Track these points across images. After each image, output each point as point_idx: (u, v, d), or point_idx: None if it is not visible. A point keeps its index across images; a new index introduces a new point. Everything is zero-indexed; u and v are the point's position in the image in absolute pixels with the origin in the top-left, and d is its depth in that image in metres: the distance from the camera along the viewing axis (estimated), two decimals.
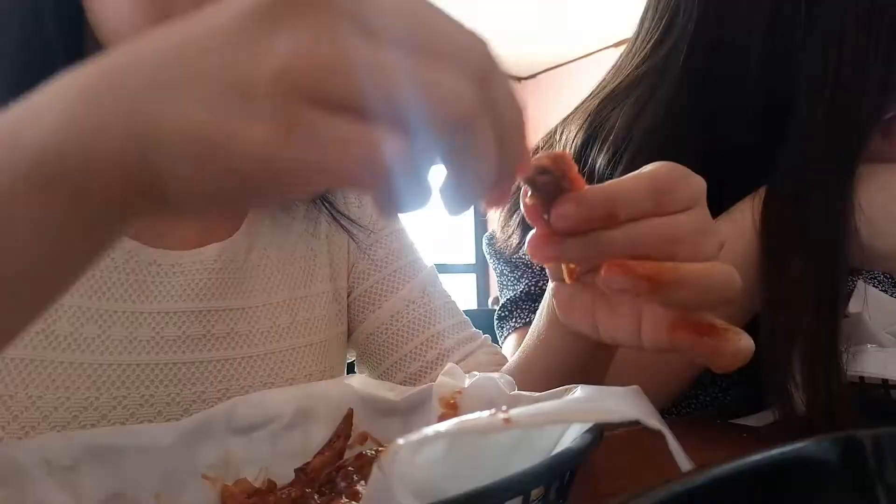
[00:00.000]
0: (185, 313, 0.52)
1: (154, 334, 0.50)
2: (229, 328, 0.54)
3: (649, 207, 0.30)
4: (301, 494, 0.35)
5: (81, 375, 0.46)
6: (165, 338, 0.50)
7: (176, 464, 0.35)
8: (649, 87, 0.62)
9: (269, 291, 0.57)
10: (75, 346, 0.47)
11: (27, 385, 0.45)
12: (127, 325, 0.49)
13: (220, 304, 0.54)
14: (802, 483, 0.24)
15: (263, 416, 0.38)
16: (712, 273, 0.29)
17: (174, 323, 0.51)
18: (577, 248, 0.30)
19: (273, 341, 0.56)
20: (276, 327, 0.56)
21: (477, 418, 0.22)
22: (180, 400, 0.50)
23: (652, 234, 0.30)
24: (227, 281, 0.54)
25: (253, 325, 0.55)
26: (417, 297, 0.63)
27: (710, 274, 0.29)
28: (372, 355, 0.63)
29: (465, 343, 0.62)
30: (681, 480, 0.22)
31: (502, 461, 0.24)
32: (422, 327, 0.62)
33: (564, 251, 0.30)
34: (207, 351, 0.52)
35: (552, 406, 0.25)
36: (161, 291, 0.51)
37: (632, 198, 0.30)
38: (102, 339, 0.48)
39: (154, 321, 0.50)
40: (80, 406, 0.46)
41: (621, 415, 0.25)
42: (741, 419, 0.53)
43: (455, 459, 0.22)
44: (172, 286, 0.52)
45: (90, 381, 0.47)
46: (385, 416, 0.41)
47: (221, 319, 0.53)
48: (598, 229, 0.30)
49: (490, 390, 0.38)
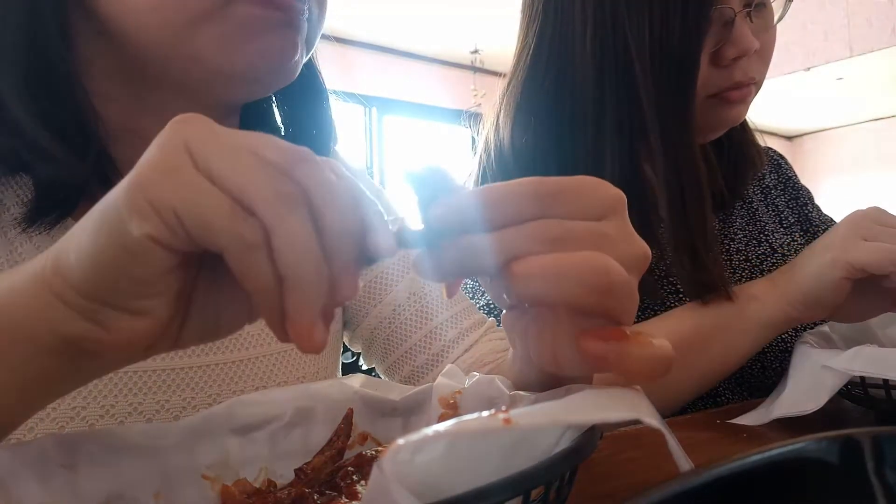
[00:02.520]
0: None
1: None
2: None
3: (532, 208, 0.28)
4: (301, 494, 0.35)
5: None
6: None
7: (176, 464, 0.35)
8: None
9: None
10: None
11: None
12: None
13: None
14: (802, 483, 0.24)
15: (263, 416, 0.38)
16: (568, 259, 0.27)
17: None
18: (450, 257, 0.28)
19: (263, 344, 0.55)
20: (267, 330, 0.55)
21: (477, 418, 0.22)
22: (170, 407, 0.49)
23: (527, 232, 0.27)
24: None
25: (242, 329, 0.54)
26: (418, 287, 0.63)
27: (562, 259, 0.27)
28: (378, 350, 0.63)
29: (468, 332, 0.62)
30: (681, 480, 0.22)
31: (502, 461, 0.24)
32: (424, 319, 0.61)
33: (441, 263, 0.28)
34: (196, 356, 0.51)
35: (552, 406, 0.25)
36: None
37: (512, 199, 0.28)
38: None
39: None
40: (66, 416, 0.45)
41: (621, 415, 0.25)
42: (741, 419, 0.53)
43: (455, 459, 0.22)
44: None
45: (76, 391, 0.46)
46: (385, 416, 0.41)
47: None
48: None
49: (490, 390, 0.38)
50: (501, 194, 0.28)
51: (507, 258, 0.27)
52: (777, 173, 0.92)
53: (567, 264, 0.27)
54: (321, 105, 0.61)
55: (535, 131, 0.73)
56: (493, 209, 0.28)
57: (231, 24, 0.45)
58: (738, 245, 0.80)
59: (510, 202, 0.28)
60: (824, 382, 0.49)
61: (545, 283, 0.26)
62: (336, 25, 4.17)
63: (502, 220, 0.28)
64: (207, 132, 0.26)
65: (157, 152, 0.25)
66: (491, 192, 0.28)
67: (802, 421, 0.49)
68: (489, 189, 0.28)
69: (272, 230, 0.24)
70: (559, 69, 0.71)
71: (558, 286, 0.26)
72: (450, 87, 4.98)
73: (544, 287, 0.27)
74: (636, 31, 0.65)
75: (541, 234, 0.27)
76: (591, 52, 0.68)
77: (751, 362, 0.72)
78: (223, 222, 0.24)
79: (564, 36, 0.70)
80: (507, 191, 0.28)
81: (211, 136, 0.26)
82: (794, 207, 0.89)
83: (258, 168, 0.25)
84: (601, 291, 0.27)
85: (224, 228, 0.24)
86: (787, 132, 6.52)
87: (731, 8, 0.65)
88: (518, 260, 0.27)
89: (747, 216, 0.84)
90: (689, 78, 0.65)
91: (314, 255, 0.25)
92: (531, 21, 0.74)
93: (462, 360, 0.59)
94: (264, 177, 0.25)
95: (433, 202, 0.28)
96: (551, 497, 0.25)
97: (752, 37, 0.66)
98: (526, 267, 0.27)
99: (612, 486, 0.39)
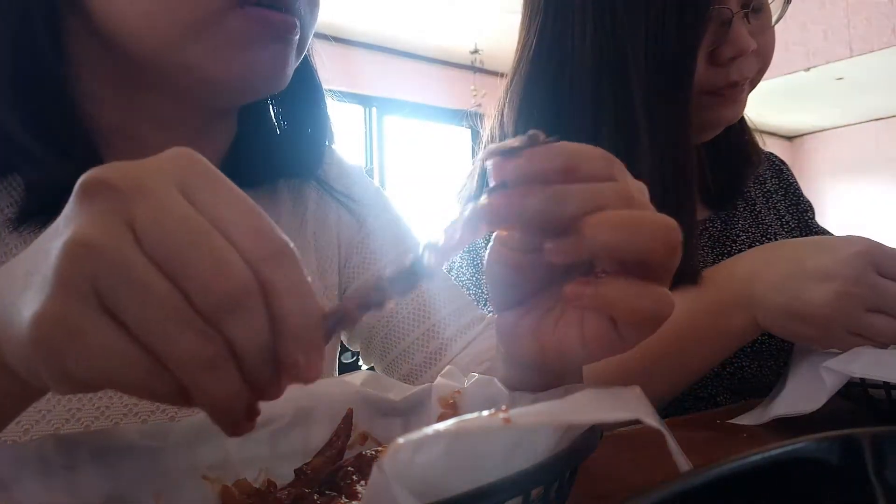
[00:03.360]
0: None
1: None
2: None
3: (606, 169, 0.30)
4: (301, 494, 0.35)
5: None
6: None
7: (176, 464, 0.35)
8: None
9: None
10: None
11: None
12: None
13: None
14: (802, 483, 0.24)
15: (263, 417, 0.38)
16: (645, 215, 0.28)
17: None
18: (538, 201, 0.28)
19: None
20: None
21: (477, 418, 0.22)
22: (165, 407, 0.49)
23: (611, 189, 0.29)
24: None
25: None
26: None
27: (641, 214, 0.28)
28: (376, 348, 0.63)
29: (467, 329, 0.62)
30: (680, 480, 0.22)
31: (502, 461, 0.24)
32: (423, 317, 0.61)
33: (526, 207, 0.28)
34: None
35: (552, 406, 0.25)
36: None
37: (591, 156, 0.29)
38: None
39: None
40: (61, 418, 0.45)
41: (621, 415, 0.25)
42: (740, 419, 0.53)
43: (455, 459, 0.22)
44: None
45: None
46: (385, 416, 0.41)
47: None
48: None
49: (490, 390, 0.38)
50: (581, 153, 0.29)
51: (590, 209, 0.28)
52: (779, 178, 0.92)
53: (644, 219, 0.28)
54: (317, 103, 0.61)
55: (537, 125, 0.73)
56: (573, 160, 0.29)
57: (223, 36, 0.44)
58: (741, 247, 0.80)
59: (589, 161, 0.29)
60: (823, 383, 0.49)
61: (621, 234, 0.28)
62: (336, 25, 4.17)
63: (584, 174, 0.29)
64: (115, 266, 0.22)
65: (60, 294, 0.22)
66: (570, 150, 0.29)
67: (802, 421, 0.49)
68: (566, 145, 0.29)
69: (189, 390, 0.23)
70: (559, 65, 0.72)
71: (633, 238, 0.28)
72: (450, 87, 4.98)
73: (620, 237, 0.28)
74: (632, 30, 0.66)
75: (620, 192, 0.29)
76: (589, 48, 0.68)
77: (748, 363, 0.72)
78: (140, 383, 0.23)
79: (564, 32, 0.71)
80: (584, 151, 0.29)
81: (119, 271, 0.22)
82: (795, 213, 0.90)
83: (176, 323, 0.22)
84: (668, 248, 0.28)
85: (141, 388, 0.23)
86: (787, 132, 6.52)
87: (729, 9, 0.66)
88: (594, 214, 0.28)
89: (750, 218, 0.84)
90: (684, 78, 0.66)
91: (236, 413, 0.25)
92: (533, 17, 0.75)
93: (461, 357, 0.59)
94: (183, 337, 0.22)
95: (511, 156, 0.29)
96: (551, 497, 0.25)
97: (748, 37, 0.66)
98: (605, 217, 0.28)
99: (612, 486, 0.39)
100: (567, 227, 0.28)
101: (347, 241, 0.63)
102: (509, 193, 0.29)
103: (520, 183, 0.29)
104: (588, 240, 0.28)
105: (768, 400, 0.55)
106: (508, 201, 0.28)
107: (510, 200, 0.28)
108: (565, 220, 0.28)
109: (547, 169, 0.28)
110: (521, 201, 0.28)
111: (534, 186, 0.28)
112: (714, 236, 0.80)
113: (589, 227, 0.27)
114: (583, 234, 0.28)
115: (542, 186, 0.28)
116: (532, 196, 0.28)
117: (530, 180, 0.28)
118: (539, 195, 0.28)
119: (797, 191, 0.92)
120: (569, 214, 0.28)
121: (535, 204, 0.28)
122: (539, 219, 0.28)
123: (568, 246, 0.28)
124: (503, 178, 0.29)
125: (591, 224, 0.28)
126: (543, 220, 0.28)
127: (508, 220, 0.29)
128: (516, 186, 0.29)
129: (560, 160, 0.28)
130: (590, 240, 0.28)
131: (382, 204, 0.67)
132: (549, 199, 0.28)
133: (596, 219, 0.28)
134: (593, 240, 0.28)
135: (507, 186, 0.29)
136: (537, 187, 0.28)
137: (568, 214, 0.28)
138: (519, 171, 0.29)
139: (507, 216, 0.29)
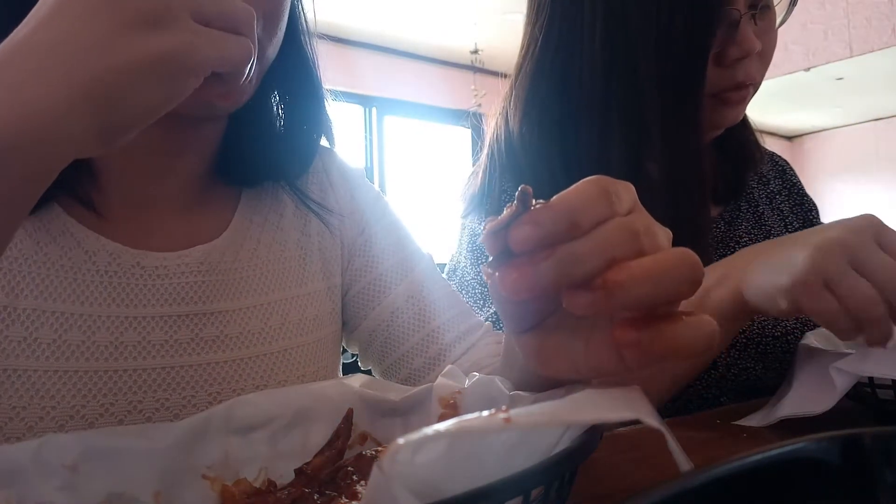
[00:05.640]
0: (172, 317, 0.51)
1: (140, 339, 0.49)
2: (218, 331, 0.53)
3: (606, 209, 0.28)
4: (301, 494, 0.35)
5: (67, 383, 0.46)
6: (152, 342, 0.49)
7: (176, 464, 0.35)
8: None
9: (260, 293, 0.56)
10: (59, 354, 0.46)
11: (10, 395, 0.44)
12: (112, 331, 0.48)
13: (209, 307, 0.53)
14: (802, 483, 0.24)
15: (263, 417, 0.38)
16: (665, 259, 0.28)
17: (160, 327, 0.50)
18: (551, 269, 0.28)
19: (264, 343, 0.55)
20: (268, 329, 0.55)
21: (477, 418, 0.22)
22: (170, 405, 0.49)
23: (618, 233, 0.28)
24: (214, 283, 0.53)
25: (243, 328, 0.54)
26: (416, 291, 0.63)
27: (662, 260, 0.28)
28: (375, 352, 0.63)
29: (466, 335, 0.62)
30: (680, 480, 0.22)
31: (502, 461, 0.24)
32: (422, 322, 0.61)
33: (539, 277, 0.28)
34: (196, 355, 0.51)
35: (552, 406, 0.25)
36: (146, 295, 0.50)
37: (589, 202, 0.28)
38: (87, 346, 0.47)
39: (140, 325, 0.49)
40: (66, 415, 0.45)
41: (621, 415, 0.25)
42: (747, 420, 0.53)
43: (455, 459, 0.22)
44: (157, 289, 0.51)
45: (76, 389, 0.46)
46: (385, 416, 0.41)
47: (210, 322, 0.52)
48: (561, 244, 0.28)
49: (490, 390, 0.38)
50: (582, 206, 0.28)
51: (604, 264, 0.27)
52: (782, 179, 0.92)
53: (666, 264, 0.27)
54: (317, 102, 0.61)
55: (542, 123, 0.73)
56: (576, 216, 0.28)
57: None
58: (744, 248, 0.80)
59: (591, 210, 0.28)
60: (833, 384, 0.48)
61: (648, 286, 0.27)
62: (336, 25, 4.17)
63: (588, 225, 0.28)
64: None
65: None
66: (568, 201, 0.28)
67: (802, 421, 0.49)
68: (563, 199, 0.28)
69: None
70: (566, 62, 0.71)
71: (659, 288, 0.27)
72: (450, 87, 4.98)
73: (647, 290, 0.27)
74: (642, 29, 0.65)
75: (626, 233, 0.28)
76: (598, 46, 0.68)
77: (753, 364, 0.72)
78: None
79: (572, 29, 0.70)
80: (584, 200, 0.28)
81: None
82: (799, 213, 0.89)
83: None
84: (694, 286, 0.28)
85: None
86: (787, 132, 6.52)
87: (738, 10, 0.66)
88: (614, 269, 0.27)
89: (753, 220, 0.84)
90: (695, 77, 0.65)
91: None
92: (539, 12, 0.74)
93: (460, 363, 0.59)
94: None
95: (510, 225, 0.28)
96: (551, 497, 0.25)
97: (755, 38, 0.66)
98: (629, 273, 0.27)
99: (612, 486, 0.39)
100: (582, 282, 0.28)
101: (350, 244, 0.64)
102: (517, 264, 0.28)
103: (528, 250, 0.28)
104: (617, 298, 0.27)
105: (774, 400, 0.55)
106: (521, 273, 0.28)
107: (522, 272, 0.28)
108: (581, 280, 0.28)
109: (554, 233, 0.27)
110: (535, 270, 0.27)
111: (539, 252, 0.27)
112: (718, 238, 0.80)
113: (616, 286, 0.27)
114: (609, 293, 0.27)
115: (548, 251, 0.27)
116: (543, 263, 0.27)
117: (538, 247, 0.28)
118: (550, 261, 0.27)
119: (801, 191, 0.92)
120: (585, 275, 0.27)
121: (550, 272, 0.27)
122: (555, 285, 0.28)
123: (593, 301, 0.27)
124: (509, 247, 0.28)
125: (617, 282, 0.27)
126: (560, 285, 0.28)
127: (525, 293, 0.28)
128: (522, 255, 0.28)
129: (564, 221, 0.27)
130: (619, 298, 0.27)
131: (382, 208, 0.67)
132: (563, 263, 0.27)
133: (620, 276, 0.27)
134: (623, 297, 0.27)
135: (511, 255, 0.28)
136: (544, 252, 0.27)
137: (584, 275, 0.27)
138: (528, 242, 0.27)
139: (523, 289, 0.28)
